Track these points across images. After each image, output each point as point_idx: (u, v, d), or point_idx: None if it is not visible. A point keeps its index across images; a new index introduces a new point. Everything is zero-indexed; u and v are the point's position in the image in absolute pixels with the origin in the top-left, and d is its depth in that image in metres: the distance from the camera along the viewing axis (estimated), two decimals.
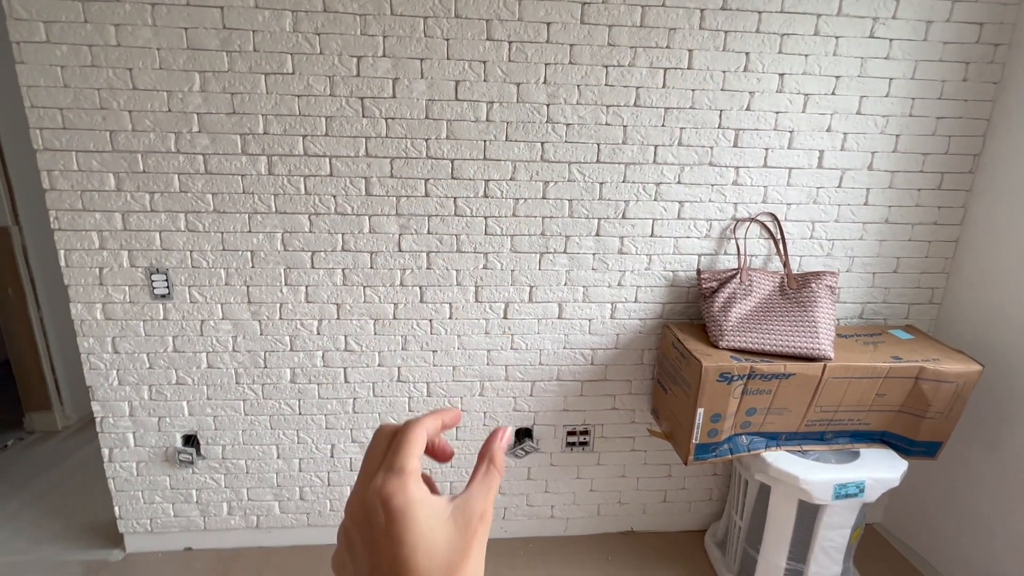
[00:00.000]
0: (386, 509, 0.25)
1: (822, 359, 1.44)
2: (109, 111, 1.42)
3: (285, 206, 1.52)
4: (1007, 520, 1.54)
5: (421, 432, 0.28)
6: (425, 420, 0.29)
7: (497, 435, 0.31)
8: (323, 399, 1.69)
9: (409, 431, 0.28)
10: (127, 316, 1.56)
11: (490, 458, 0.30)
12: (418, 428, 0.28)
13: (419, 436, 0.28)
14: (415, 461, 0.27)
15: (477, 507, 0.28)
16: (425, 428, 0.29)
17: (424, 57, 1.45)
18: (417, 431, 0.28)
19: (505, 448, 0.31)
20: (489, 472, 0.29)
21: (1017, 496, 1.51)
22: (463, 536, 0.26)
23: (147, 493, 1.73)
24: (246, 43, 1.40)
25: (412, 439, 0.28)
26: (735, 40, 1.50)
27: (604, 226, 1.61)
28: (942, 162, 1.64)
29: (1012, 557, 1.52)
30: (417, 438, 0.28)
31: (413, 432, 0.28)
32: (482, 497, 0.28)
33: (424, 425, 0.29)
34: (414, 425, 0.28)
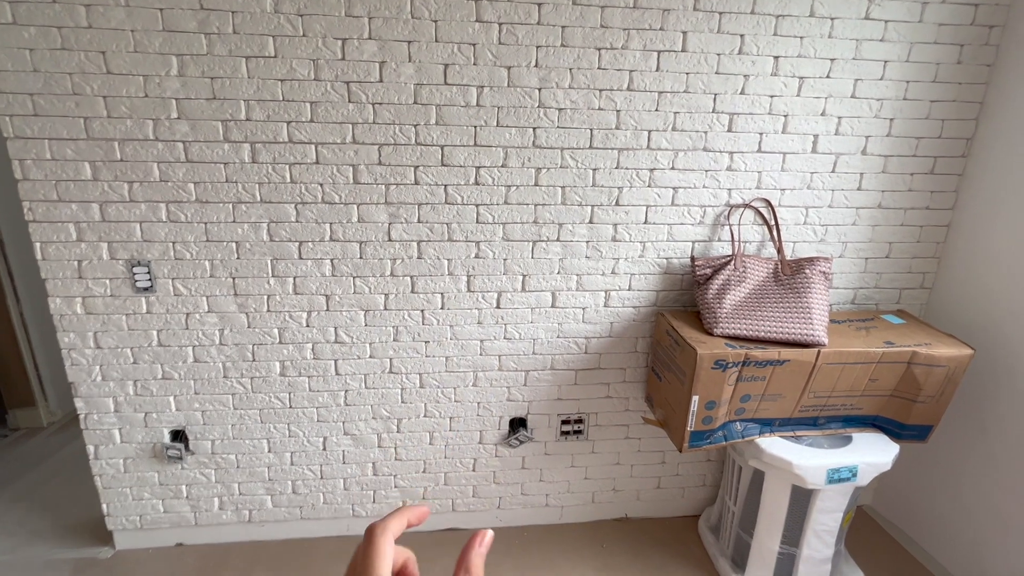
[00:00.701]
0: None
1: (816, 345, 1.44)
2: (83, 96, 1.36)
3: (270, 195, 1.48)
4: (995, 501, 1.56)
5: (387, 542, 0.29)
6: (389, 524, 0.30)
7: (475, 541, 0.31)
8: (314, 392, 1.66)
9: (375, 545, 0.29)
10: (109, 310, 1.52)
11: (466, 567, 0.30)
12: (384, 539, 0.29)
13: (385, 548, 0.29)
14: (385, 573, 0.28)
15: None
16: (391, 534, 0.30)
17: (411, 40, 1.40)
18: (382, 543, 0.29)
19: (484, 553, 0.31)
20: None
21: (1005, 477, 1.54)
22: None
23: (135, 489, 1.70)
24: (225, 25, 1.35)
25: (380, 553, 0.29)
26: (729, 22, 1.47)
27: (597, 213, 1.59)
28: (935, 146, 1.64)
29: (1000, 538, 1.54)
30: (384, 551, 0.29)
31: (380, 545, 0.29)
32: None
33: (389, 532, 0.30)
34: (380, 537, 0.29)
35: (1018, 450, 1.50)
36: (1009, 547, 1.52)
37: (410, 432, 1.74)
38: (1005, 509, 1.53)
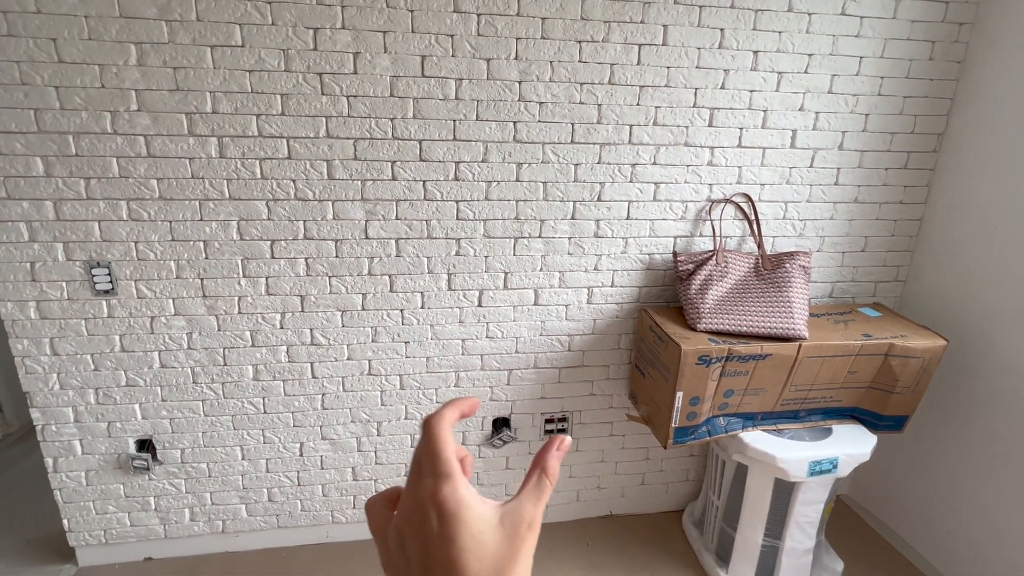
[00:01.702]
0: (439, 512, 0.26)
1: (797, 339, 1.45)
2: (32, 87, 1.27)
3: (240, 192, 1.41)
4: (971, 489, 1.60)
5: (448, 430, 0.29)
6: (445, 414, 0.29)
7: (553, 443, 0.30)
8: (289, 396, 1.60)
9: (437, 433, 0.28)
10: (66, 314, 1.43)
11: (543, 467, 0.29)
12: (443, 426, 0.29)
13: (448, 435, 0.29)
14: (455, 461, 0.28)
15: (526, 515, 0.27)
16: (448, 423, 0.29)
17: (387, 30, 1.35)
18: (443, 430, 0.29)
19: (562, 456, 0.30)
20: (541, 481, 0.29)
21: (978, 465, 1.58)
22: (511, 542, 0.27)
23: (99, 503, 1.61)
24: (188, 11, 1.28)
25: (444, 440, 0.28)
26: (710, 15, 1.46)
27: (579, 209, 1.57)
28: (908, 141, 1.66)
29: (976, 524, 1.58)
30: (447, 437, 0.28)
31: (442, 432, 0.28)
32: (532, 505, 0.28)
33: (446, 420, 0.29)
34: (438, 425, 0.29)
35: (991, 438, 1.54)
36: (982, 533, 1.56)
37: (391, 435, 1.70)
38: (979, 496, 1.57)
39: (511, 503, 0.28)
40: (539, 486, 0.29)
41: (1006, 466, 1.49)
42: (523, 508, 0.28)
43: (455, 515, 0.26)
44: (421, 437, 0.29)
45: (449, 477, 0.27)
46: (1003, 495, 1.50)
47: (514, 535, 0.27)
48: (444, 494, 0.26)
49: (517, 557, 0.26)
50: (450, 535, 0.26)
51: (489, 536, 0.26)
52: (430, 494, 0.27)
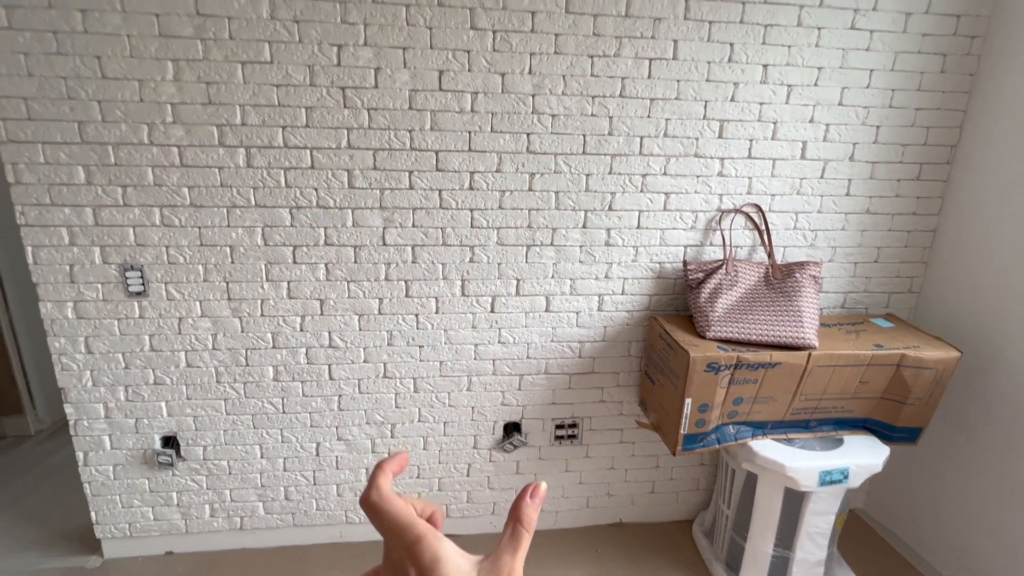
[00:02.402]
0: (417, 569, 0.27)
1: (807, 348, 1.45)
2: (77, 101, 1.36)
3: (265, 199, 1.48)
4: (984, 502, 1.58)
5: (389, 499, 0.29)
6: (378, 483, 0.29)
7: (526, 492, 0.30)
8: (307, 397, 1.66)
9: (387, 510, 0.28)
10: (100, 315, 1.51)
11: (517, 517, 0.29)
12: (383, 499, 0.29)
13: (393, 503, 0.29)
14: (419, 521, 0.28)
15: (504, 568, 0.28)
16: (386, 491, 0.29)
17: (407, 46, 1.42)
18: (390, 503, 0.29)
19: (538, 505, 0.30)
20: (516, 532, 0.29)
21: (993, 479, 1.55)
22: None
23: (125, 497, 1.68)
24: (221, 30, 1.36)
25: (392, 510, 0.28)
26: (719, 30, 1.49)
27: (591, 218, 1.60)
28: (921, 153, 1.67)
29: (989, 539, 1.56)
30: (394, 505, 0.28)
31: (386, 506, 0.28)
32: (509, 558, 0.28)
33: (383, 491, 0.29)
34: (378, 500, 0.29)
35: (1005, 452, 1.52)
36: (998, 548, 1.53)
37: (404, 437, 1.74)
38: (994, 510, 1.55)
39: (490, 557, 0.28)
40: (515, 537, 0.29)
41: (1022, 482, 1.47)
42: (500, 561, 0.28)
43: (432, 571, 0.26)
44: (370, 517, 0.28)
45: (419, 540, 0.27)
46: (1018, 510, 1.47)
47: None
48: (418, 555, 0.27)
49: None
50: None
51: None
52: (404, 557, 0.27)
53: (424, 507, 0.33)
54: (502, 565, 0.28)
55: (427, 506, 0.33)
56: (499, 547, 0.29)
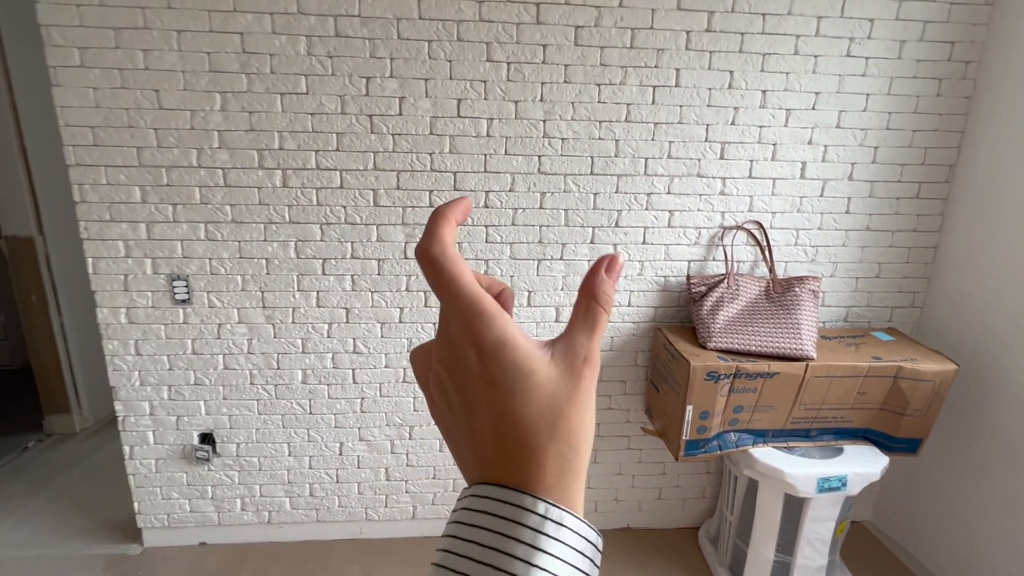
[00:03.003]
0: (478, 351, 0.23)
1: (805, 359, 1.52)
2: (136, 129, 1.53)
3: (298, 216, 1.62)
4: (989, 514, 1.60)
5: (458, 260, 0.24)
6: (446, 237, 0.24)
7: (601, 264, 0.25)
8: (332, 399, 1.78)
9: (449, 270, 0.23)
10: (149, 320, 1.66)
11: (592, 294, 0.25)
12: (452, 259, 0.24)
13: (461, 266, 0.24)
14: (484, 295, 0.24)
15: (581, 349, 0.24)
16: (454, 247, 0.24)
17: (428, 77, 1.55)
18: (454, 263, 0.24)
19: (615, 279, 0.25)
20: (591, 310, 0.25)
21: (997, 490, 1.58)
22: (566, 380, 0.23)
23: (165, 489, 1.82)
24: (264, 66, 1.51)
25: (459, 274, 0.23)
26: (719, 59, 1.60)
27: (598, 234, 1.70)
28: (919, 172, 1.73)
29: (994, 549, 1.58)
30: (462, 269, 0.24)
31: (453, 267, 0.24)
32: (585, 338, 0.25)
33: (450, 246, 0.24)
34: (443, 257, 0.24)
35: (1008, 464, 1.55)
36: (1003, 559, 1.55)
37: (421, 439, 1.84)
38: (998, 521, 1.57)
39: (562, 339, 0.25)
40: (590, 316, 0.25)
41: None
42: (576, 342, 0.24)
43: (496, 354, 0.23)
44: (426, 273, 0.24)
45: (481, 315, 0.23)
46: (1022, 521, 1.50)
47: (569, 371, 0.24)
48: (480, 332, 0.23)
49: (574, 396, 0.23)
50: (493, 376, 0.23)
51: (541, 375, 0.23)
52: (462, 334, 0.23)
53: (491, 283, 0.28)
54: (578, 348, 0.24)
55: (494, 282, 0.28)
56: (571, 327, 0.25)
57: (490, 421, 0.23)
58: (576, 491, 0.24)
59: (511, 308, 0.27)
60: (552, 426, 0.23)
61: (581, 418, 0.24)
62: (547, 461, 0.23)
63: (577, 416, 0.24)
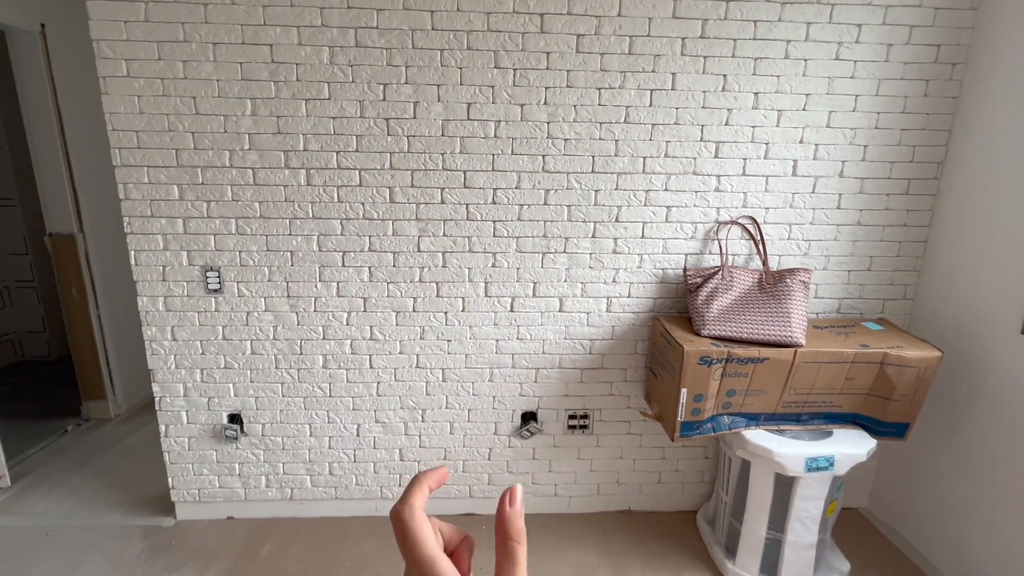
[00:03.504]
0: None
1: (793, 345, 1.61)
2: (175, 133, 1.67)
3: (320, 212, 1.76)
4: (980, 500, 1.67)
5: (418, 523, 0.27)
6: (415, 503, 0.28)
7: (504, 502, 0.28)
8: (351, 383, 1.91)
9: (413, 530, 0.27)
10: (184, 308, 1.81)
11: (505, 533, 0.28)
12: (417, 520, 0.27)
13: (420, 529, 0.27)
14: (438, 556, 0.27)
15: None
16: (418, 512, 0.28)
17: (441, 83, 1.68)
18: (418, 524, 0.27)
19: (519, 510, 0.28)
20: (509, 548, 0.27)
21: (983, 475, 1.65)
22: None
23: (196, 466, 1.96)
24: (290, 74, 1.65)
25: (417, 538, 0.27)
26: (713, 64, 1.70)
27: (599, 229, 1.81)
28: (908, 169, 1.81)
29: (979, 531, 1.65)
30: (421, 533, 0.27)
31: (416, 529, 0.27)
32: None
33: (418, 510, 0.28)
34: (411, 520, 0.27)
35: (994, 450, 1.62)
36: (987, 539, 1.62)
37: (433, 422, 1.96)
38: (988, 506, 1.64)
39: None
40: (509, 555, 0.27)
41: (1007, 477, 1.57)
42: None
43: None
44: (396, 533, 0.27)
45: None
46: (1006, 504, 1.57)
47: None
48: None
49: None
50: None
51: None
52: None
53: (452, 534, 0.31)
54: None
55: (456, 533, 0.31)
56: (499, 569, 0.27)
57: None
58: None
59: (471, 555, 0.30)
60: None
61: None
62: None
63: None
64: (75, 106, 2.44)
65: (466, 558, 0.30)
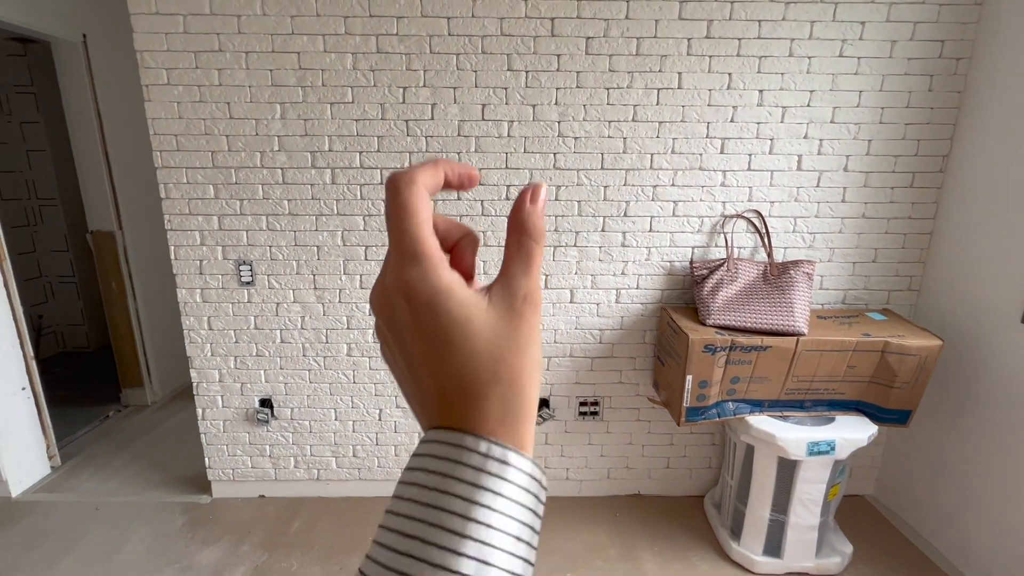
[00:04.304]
0: (409, 302, 0.23)
1: (796, 334, 1.67)
2: (211, 136, 1.80)
3: (345, 209, 1.87)
4: (983, 486, 1.71)
5: (420, 196, 0.23)
6: (418, 176, 0.23)
7: (524, 197, 0.24)
8: (373, 370, 2.02)
9: (405, 199, 0.23)
10: (219, 299, 1.94)
11: (521, 228, 0.24)
12: (414, 192, 0.23)
13: (419, 202, 0.23)
14: (429, 238, 0.23)
15: (519, 289, 0.24)
16: (423, 187, 0.23)
17: (457, 86, 1.77)
18: (414, 197, 0.23)
19: (540, 208, 0.24)
20: (523, 245, 0.24)
21: (990, 462, 1.69)
22: (506, 324, 0.23)
23: (230, 447, 2.10)
24: (316, 80, 1.76)
25: (409, 210, 0.23)
26: (719, 63, 1.76)
27: (608, 223, 1.89)
28: (913, 163, 1.85)
29: (987, 520, 1.69)
30: (415, 206, 0.23)
31: (411, 199, 0.23)
32: (522, 276, 0.24)
33: (419, 184, 0.23)
34: (408, 188, 0.23)
35: (999, 437, 1.66)
36: (991, 526, 1.66)
37: None
38: (988, 492, 1.68)
39: (499, 279, 0.24)
40: (523, 252, 0.24)
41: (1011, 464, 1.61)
42: (513, 282, 0.24)
43: (429, 305, 0.22)
44: (385, 200, 0.23)
45: (415, 259, 0.23)
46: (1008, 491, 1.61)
47: (508, 313, 0.23)
48: (411, 280, 0.22)
49: (516, 336, 0.23)
50: (425, 326, 0.22)
51: (478, 321, 0.23)
52: (393, 280, 0.23)
53: (451, 226, 0.26)
54: (516, 288, 0.24)
55: (456, 227, 0.26)
56: (507, 267, 0.24)
57: (426, 372, 0.23)
58: (523, 432, 0.23)
59: (473, 255, 0.26)
60: (493, 371, 0.23)
61: (524, 359, 0.23)
62: (489, 406, 0.23)
63: (519, 358, 0.23)
64: (114, 112, 2.60)
65: (468, 253, 0.26)
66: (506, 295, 0.23)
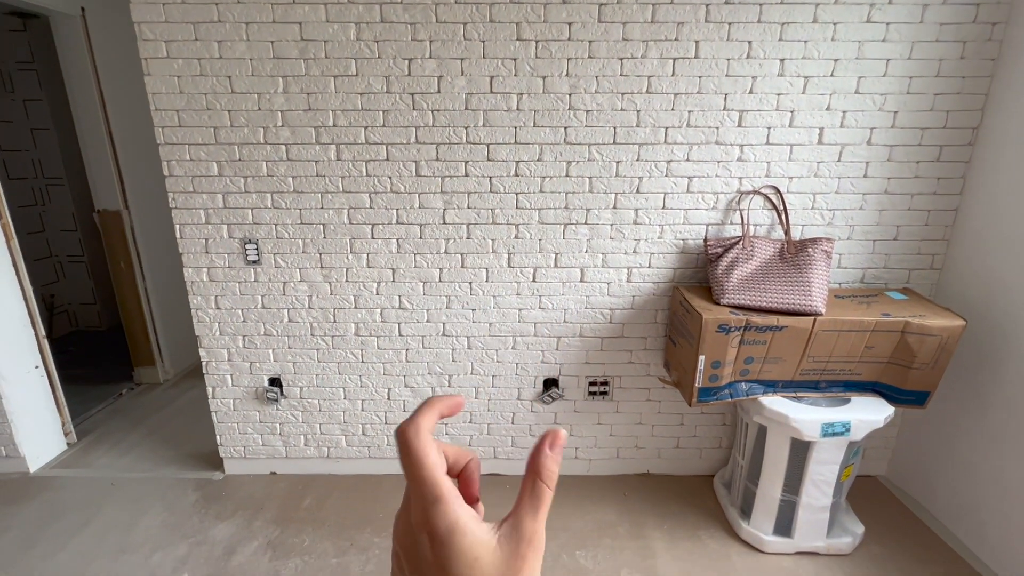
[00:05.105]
0: (430, 538, 0.25)
1: (813, 314, 1.62)
2: (213, 111, 1.76)
3: (350, 186, 1.83)
4: (999, 468, 1.68)
5: (425, 446, 0.26)
6: (422, 425, 0.27)
7: (544, 442, 0.27)
8: (381, 349, 2.01)
9: (416, 450, 0.26)
10: (226, 278, 1.93)
11: (536, 472, 0.27)
12: (419, 443, 0.26)
13: (426, 451, 0.26)
14: (444, 480, 0.26)
15: (526, 532, 0.26)
16: (425, 435, 0.27)
17: (464, 57, 1.71)
18: (424, 446, 0.26)
19: (558, 456, 0.27)
20: (537, 489, 0.27)
21: (1008, 444, 1.66)
22: (510, 565, 0.25)
23: (241, 425, 2.11)
24: (319, 51, 1.71)
25: (422, 459, 0.26)
26: (738, 30, 1.67)
27: (620, 200, 1.84)
28: (940, 136, 1.77)
29: (1002, 502, 1.67)
30: (426, 454, 0.26)
31: (421, 449, 0.26)
32: (531, 519, 0.26)
33: (423, 432, 0.27)
34: (416, 440, 0.26)
35: (1019, 419, 1.62)
36: (1006, 508, 1.64)
37: (459, 387, 2.06)
38: (1004, 474, 1.65)
39: (509, 521, 0.26)
40: (536, 494, 0.27)
41: None
42: (522, 525, 0.26)
43: (446, 542, 0.25)
44: (399, 452, 0.26)
45: (437, 501, 0.25)
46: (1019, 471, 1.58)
47: (513, 555, 0.25)
48: (434, 520, 0.25)
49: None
50: (443, 562, 0.25)
51: (486, 560, 0.25)
52: (420, 520, 0.26)
53: (458, 455, 0.30)
54: (523, 530, 0.26)
55: (462, 455, 0.30)
56: (519, 508, 0.27)
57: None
58: None
59: (477, 476, 0.30)
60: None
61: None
62: None
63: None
64: (116, 88, 2.55)
65: (475, 479, 0.30)
66: (513, 536, 0.26)
